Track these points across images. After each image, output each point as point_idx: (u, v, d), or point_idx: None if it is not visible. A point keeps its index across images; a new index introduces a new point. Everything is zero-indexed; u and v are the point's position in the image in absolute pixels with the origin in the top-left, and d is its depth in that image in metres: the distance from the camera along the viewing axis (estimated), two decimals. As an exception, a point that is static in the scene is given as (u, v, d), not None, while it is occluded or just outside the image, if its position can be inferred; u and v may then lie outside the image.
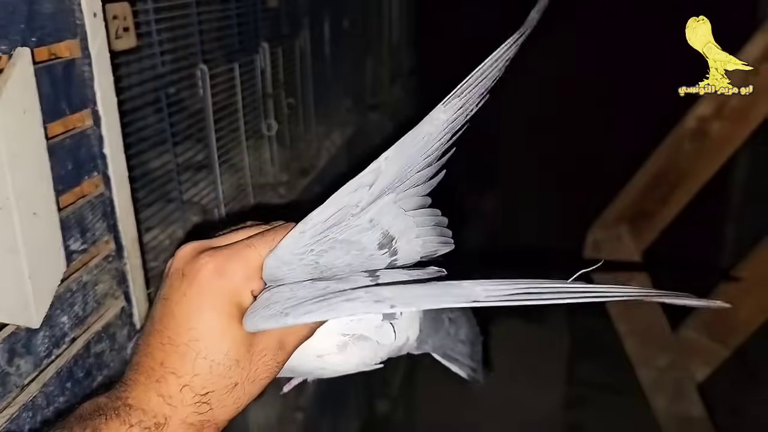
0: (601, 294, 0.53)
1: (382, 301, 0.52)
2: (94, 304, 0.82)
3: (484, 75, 0.61)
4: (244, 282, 0.55)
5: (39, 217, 0.69)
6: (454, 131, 0.62)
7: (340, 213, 0.58)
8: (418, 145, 0.59)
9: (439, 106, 0.60)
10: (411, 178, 0.61)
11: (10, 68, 0.64)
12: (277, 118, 1.69)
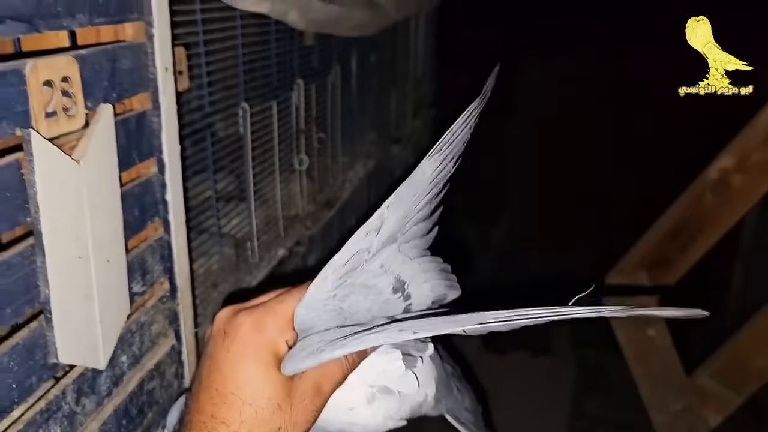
0: (591, 311, 0.54)
1: (405, 330, 0.55)
2: (149, 344, 0.85)
3: (455, 135, 0.68)
4: (279, 333, 0.60)
5: (111, 263, 0.72)
6: (441, 184, 0.68)
7: (355, 258, 0.63)
8: (413, 194, 0.65)
9: (425, 159, 0.66)
10: (411, 229, 0.66)
11: (95, 124, 0.68)
12: (308, 152, 1.73)
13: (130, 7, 0.75)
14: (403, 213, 0.65)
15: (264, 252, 1.50)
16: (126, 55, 0.75)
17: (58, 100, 0.63)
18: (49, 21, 0.62)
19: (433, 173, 0.66)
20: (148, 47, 0.78)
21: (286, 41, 1.54)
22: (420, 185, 0.65)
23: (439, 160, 0.66)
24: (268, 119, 1.46)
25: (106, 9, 0.70)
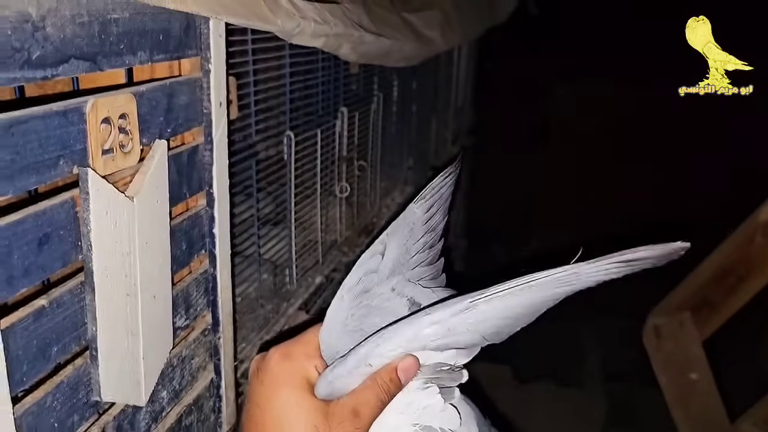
0: (569, 270, 0.59)
1: (423, 317, 0.60)
2: (189, 378, 0.84)
3: (436, 189, 0.77)
4: (307, 360, 0.63)
5: (157, 299, 0.71)
6: (439, 228, 0.75)
7: (365, 280, 0.68)
8: (408, 228, 0.72)
9: (412, 203, 0.74)
10: (415, 260, 0.72)
11: (149, 161, 0.68)
12: (349, 179, 1.73)
13: (189, 42, 0.75)
14: (403, 242, 0.71)
15: (301, 278, 1.50)
16: (182, 90, 0.75)
17: (115, 136, 0.62)
18: (112, 59, 0.62)
19: (424, 216, 0.74)
20: (203, 82, 0.78)
21: (332, 70, 1.55)
22: (413, 222, 0.73)
23: (426, 206, 0.75)
24: (312, 146, 1.46)
25: (166, 45, 0.70)
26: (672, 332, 1.76)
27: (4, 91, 0.60)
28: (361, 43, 1.08)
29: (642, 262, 0.63)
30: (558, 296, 0.63)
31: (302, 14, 0.86)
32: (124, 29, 0.62)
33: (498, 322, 0.63)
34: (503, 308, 0.62)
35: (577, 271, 0.60)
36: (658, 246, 0.62)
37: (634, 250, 0.61)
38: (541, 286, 0.61)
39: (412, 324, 0.61)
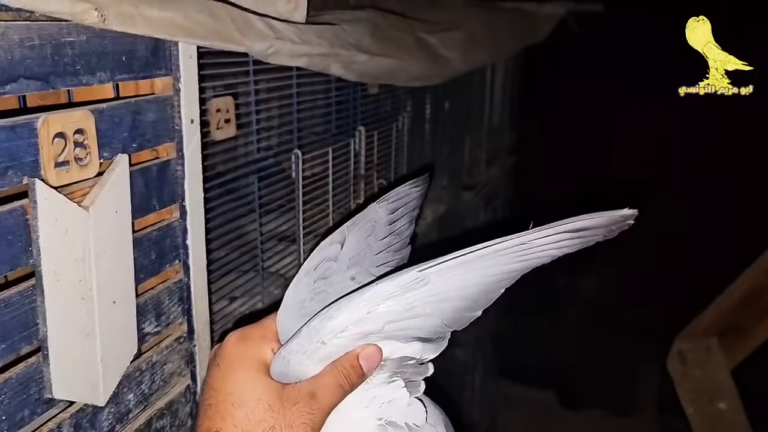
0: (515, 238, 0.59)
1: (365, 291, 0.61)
2: (161, 383, 0.88)
3: (401, 195, 0.80)
4: (263, 341, 0.64)
5: (117, 305, 0.75)
6: (404, 234, 0.78)
7: (324, 265, 0.70)
8: (371, 225, 0.75)
9: (374, 203, 0.77)
10: (378, 258, 0.74)
11: (108, 174, 0.73)
12: (369, 197, 1.75)
13: (157, 63, 0.79)
14: (364, 236, 0.74)
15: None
16: (150, 107, 0.79)
17: (71, 150, 0.67)
18: (66, 79, 0.66)
19: (387, 217, 0.77)
20: (174, 100, 0.83)
21: (348, 90, 1.58)
22: (374, 220, 0.76)
23: (389, 209, 0.78)
24: (325, 164, 1.49)
25: (129, 66, 0.75)
26: (698, 359, 1.70)
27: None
28: (352, 63, 1.11)
29: (591, 233, 0.61)
30: (513, 273, 0.63)
31: (278, 35, 0.89)
32: (80, 51, 0.67)
33: (456, 304, 0.63)
34: (458, 285, 0.61)
35: (523, 241, 0.59)
36: (604, 213, 0.60)
37: (579, 218, 0.59)
38: (491, 257, 0.60)
39: (363, 294, 0.61)
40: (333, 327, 0.61)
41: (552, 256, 0.61)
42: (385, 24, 1.45)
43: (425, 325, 0.64)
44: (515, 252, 0.59)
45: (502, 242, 0.58)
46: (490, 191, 2.54)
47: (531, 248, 0.59)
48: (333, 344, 0.62)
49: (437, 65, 1.55)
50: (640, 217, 0.64)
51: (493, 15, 2.16)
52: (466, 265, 0.59)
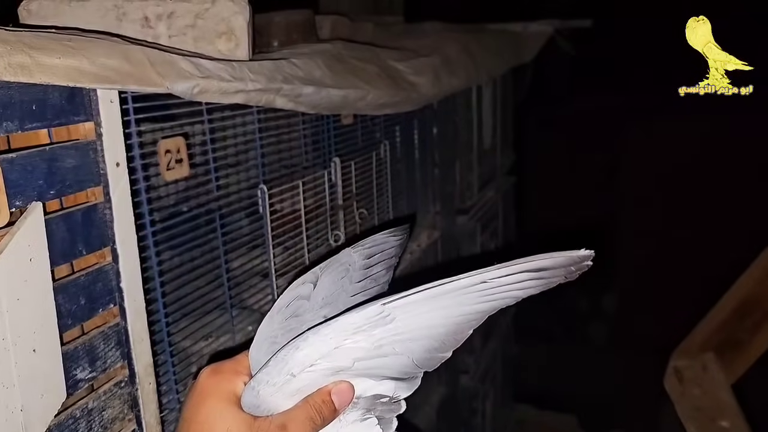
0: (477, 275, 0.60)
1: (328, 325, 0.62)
2: (100, 429, 0.87)
3: (382, 242, 0.81)
4: (236, 375, 0.66)
5: (38, 353, 0.75)
6: (381, 281, 0.78)
7: (296, 303, 0.71)
8: (345, 269, 0.75)
9: (349, 248, 0.78)
10: (351, 298, 0.74)
11: (20, 222, 0.73)
12: (349, 227, 1.74)
13: (74, 109, 0.80)
14: (337, 278, 0.75)
15: (293, 328, 1.50)
16: (69, 153, 0.79)
17: (-26, 202, 0.67)
18: (-35, 131, 0.67)
19: (362, 262, 0.78)
20: (97, 145, 0.83)
21: (319, 122, 1.58)
22: (349, 264, 0.77)
23: (364, 254, 0.78)
24: (297, 197, 1.49)
25: (41, 114, 0.75)
26: (696, 376, 1.64)
27: None
28: (298, 95, 1.11)
29: (552, 273, 0.61)
30: (479, 314, 0.64)
31: (204, 74, 0.90)
32: (-21, 103, 0.68)
33: (424, 343, 0.64)
34: (425, 324, 0.63)
35: (485, 279, 0.60)
36: (562, 253, 0.60)
37: (538, 257, 0.60)
38: (454, 294, 0.61)
39: (330, 326, 0.62)
40: (301, 359, 0.62)
41: (515, 297, 0.62)
42: (346, 55, 1.45)
43: (395, 364, 0.65)
44: (478, 291, 0.60)
45: (463, 278, 0.59)
46: (486, 214, 2.51)
47: (493, 287, 0.60)
48: (303, 378, 0.63)
49: (404, 92, 1.55)
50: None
51: (474, 37, 2.16)
52: (430, 301, 0.60)
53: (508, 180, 2.84)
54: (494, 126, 2.54)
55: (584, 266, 0.61)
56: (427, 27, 2.24)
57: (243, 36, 1.05)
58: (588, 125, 3.64)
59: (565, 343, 3.92)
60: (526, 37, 2.54)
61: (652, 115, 3.35)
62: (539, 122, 3.33)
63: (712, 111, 3.04)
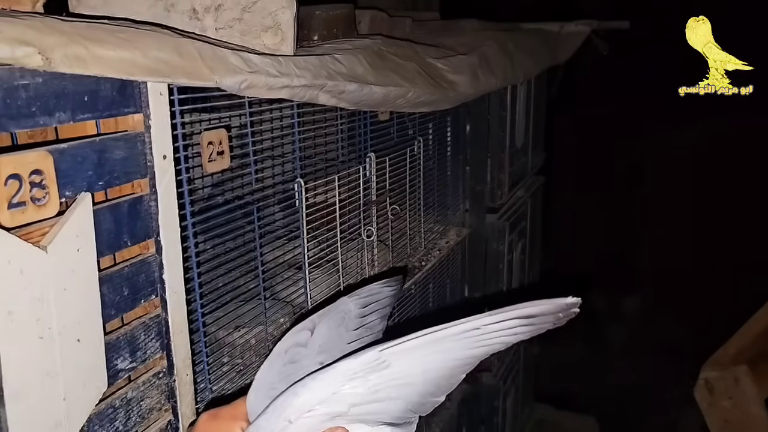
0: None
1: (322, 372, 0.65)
2: (138, 419, 0.87)
3: (377, 292, 0.86)
4: (233, 420, 0.68)
5: (82, 343, 0.76)
6: (376, 329, 0.81)
7: (294, 350, 0.75)
8: (341, 318, 0.79)
9: (345, 297, 0.82)
10: (348, 345, 0.77)
11: (69, 212, 0.73)
12: (382, 222, 1.74)
13: (125, 101, 0.80)
14: (334, 326, 0.78)
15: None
16: (118, 145, 0.80)
17: (26, 191, 0.68)
18: (21, 121, 0.67)
19: (358, 311, 0.81)
20: (146, 137, 0.83)
21: (357, 117, 1.58)
22: (345, 313, 0.80)
23: (360, 303, 0.82)
24: (334, 191, 1.49)
25: (92, 105, 0.76)
26: (727, 388, 1.61)
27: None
28: (341, 92, 1.10)
29: (542, 320, 0.63)
30: (472, 359, 0.67)
31: (252, 69, 0.89)
32: (35, 93, 0.68)
33: (419, 388, 0.66)
34: (420, 369, 0.65)
35: (477, 326, 0.62)
36: (550, 301, 0.63)
37: (527, 304, 0.63)
38: (448, 340, 0.64)
39: (327, 372, 0.64)
40: (299, 405, 0.63)
41: (507, 342, 0.65)
42: (387, 51, 1.44)
43: (391, 409, 0.66)
44: (472, 337, 0.63)
45: (457, 325, 0.62)
46: (515, 213, 2.49)
47: (485, 333, 0.62)
48: (301, 425, 0.64)
49: (443, 90, 1.53)
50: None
51: (511, 37, 2.14)
52: (424, 347, 0.62)
53: (538, 180, 2.82)
54: (527, 125, 2.52)
55: (572, 313, 0.64)
56: (464, 24, 2.22)
57: (289, 31, 1.04)
58: (617, 126, 3.60)
59: (586, 344, 3.88)
60: (563, 37, 2.51)
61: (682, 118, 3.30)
62: (569, 122, 3.29)
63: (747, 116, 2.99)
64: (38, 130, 0.73)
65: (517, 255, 2.64)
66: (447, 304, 2.27)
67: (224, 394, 1.12)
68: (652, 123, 3.49)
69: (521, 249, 2.67)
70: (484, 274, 2.44)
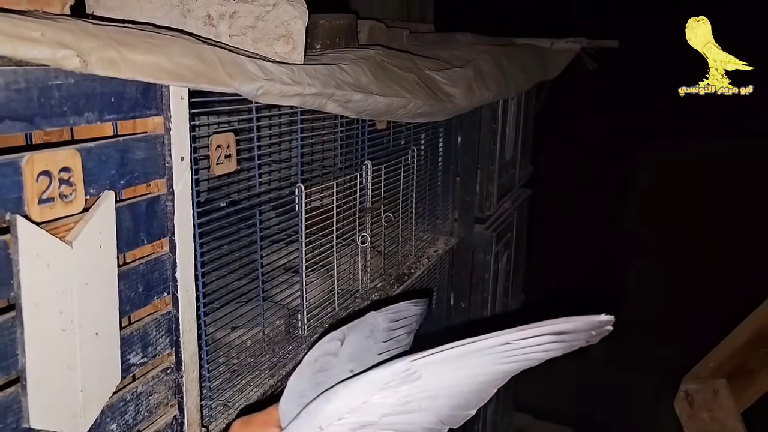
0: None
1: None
2: (146, 413, 0.89)
3: (405, 309, 0.90)
4: (265, 427, 0.71)
5: (100, 336, 0.78)
6: (402, 342, 0.85)
7: (324, 359, 0.77)
8: (369, 330, 0.83)
9: (374, 312, 0.87)
10: (377, 356, 0.79)
11: (94, 209, 0.75)
12: (376, 229, 1.77)
13: (147, 104, 0.83)
14: (363, 337, 0.81)
15: (317, 325, 1.53)
16: (140, 146, 0.82)
17: (56, 187, 0.70)
18: (53, 120, 0.70)
19: (386, 325, 0.85)
20: (165, 139, 0.86)
21: (355, 125, 1.61)
22: (374, 326, 0.84)
23: (389, 318, 0.85)
24: (331, 197, 1.51)
25: (118, 107, 0.78)
26: (706, 401, 1.66)
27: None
28: (348, 101, 1.13)
29: (574, 337, 0.64)
30: (502, 374, 0.67)
31: (268, 76, 0.92)
32: (67, 93, 0.71)
33: (450, 401, 0.66)
34: (450, 383, 0.65)
35: (509, 340, 0.63)
36: (583, 318, 0.63)
37: (561, 320, 0.63)
38: (478, 354, 0.64)
39: (359, 380, 0.65)
40: (330, 412, 0.64)
41: (539, 359, 0.65)
42: (388, 62, 1.48)
43: (421, 420, 0.67)
44: (502, 351, 0.63)
45: (488, 339, 0.62)
46: (502, 224, 2.54)
47: (517, 349, 0.63)
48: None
49: (441, 102, 1.57)
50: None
51: (504, 51, 2.19)
52: (456, 360, 0.63)
53: (524, 192, 2.87)
54: (516, 138, 2.57)
55: (605, 331, 0.65)
56: (459, 37, 2.27)
57: (300, 40, 1.08)
58: (603, 142, 3.67)
59: (566, 355, 3.93)
60: (553, 53, 2.57)
61: (668, 136, 3.38)
62: (554, 136, 3.35)
63: (731, 134, 3.07)
64: (58, 130, 0.76)
65: (503, 265, 2.69)
66: (434, 313, 2.31)
67: (222, 392, 1.14)
68: (636, 139, 3.57)
69: (506, 260, 2.71)
70: (470, 284, 2.48)
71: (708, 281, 3.35)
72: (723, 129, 3.19)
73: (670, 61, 3.06)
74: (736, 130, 3.20)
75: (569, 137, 3.53)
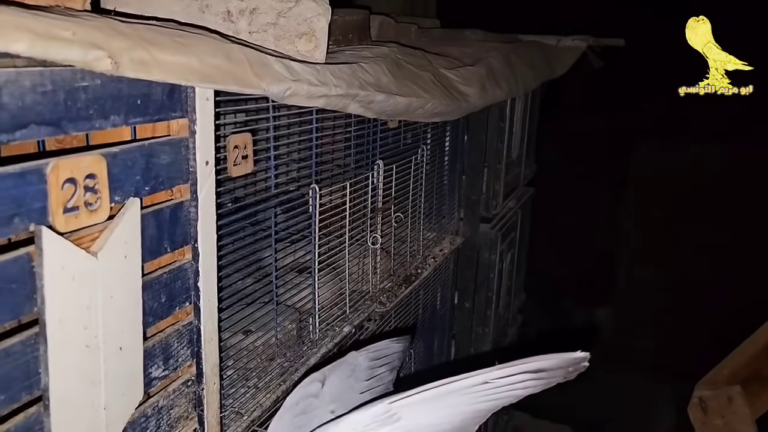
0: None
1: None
2: (167, 428, 0.86)
3: (386, 347, 0.92)
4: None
5: (124, 351, 0.74)
6: (385, 380, 0.87)
7: (305, 402, 0.79)
8: (350, 370, 0.85)
9: (354, 352, 0.88)
10: (360, 395, 0.81)
11: (119, 218, 0.71)
12: (386, 230, 1.73)
13: (173, 106, 0.78)
14: (344, 377, 0.83)
15: (327, 328, 1.50)
16: (164, 150, 0.78)
17: (80, 195, 0.66)
18: (79, 123, 0.65)
19: (367, 364, 0.86)
20: (189, 142, 0.82)
21: (368, 125, 1.57)
22: (355, 365, 0.85)
23: (370, 357, 0.86)
24: (343, 198, 1.48)
25: (144, 109, 0.74)
26: (719, 407, 1.64)
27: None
28: (370, 102, 1.10)
29: (551, 374, 0.65)
30: (482, 412, 0.68)
31: (295, 77, 0.88)
32: (94, 95, 0.66)
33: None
34: (431, 422, 0.65)
35: (487, 379, 0.63)
36: (559, 355, 0.64)
37: (537, 358, 0.64)
38: (457, 394, 0.64)
39: (339, 424, 0.66)
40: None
41: (517, 396, 0.66)
42: (404, 60, 1.44)
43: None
44: (481, 390, 0.63)
45: (467, 378, 0.63)
46: (507, 223, 2.51)
47: (495, 387, 0.63)
48: None
49: (457, 101, 1.54)
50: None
51: (514, 49, 2.15)
52: (435, 400, 0.63)
53: (528, 191, 2.84)
54: (522, 137, 2.54)
55: (581, 367, 0.66)
56: (468, 34, 2.23)
57: (323, 38, 1.04)
58: (601, 142, 3.65)
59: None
60: (560, 51, 2.54)
61: (666, 136, 3.36)
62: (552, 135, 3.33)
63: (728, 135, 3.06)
64: (78, 135, 0.71)
65: (507, 265, 2.66)
66: (438, 313, 2.29)
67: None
68: (637, 140, 3.55)
69: (510, 259, 2.69)
70: (475, 283, 2.45)
71: (708, 281, 3.34)
72: (723, 129, 3.18)
73: (671, 61, 3.04)
74: (736, 130, 3.19)
75: (568, 136, 3.50)
